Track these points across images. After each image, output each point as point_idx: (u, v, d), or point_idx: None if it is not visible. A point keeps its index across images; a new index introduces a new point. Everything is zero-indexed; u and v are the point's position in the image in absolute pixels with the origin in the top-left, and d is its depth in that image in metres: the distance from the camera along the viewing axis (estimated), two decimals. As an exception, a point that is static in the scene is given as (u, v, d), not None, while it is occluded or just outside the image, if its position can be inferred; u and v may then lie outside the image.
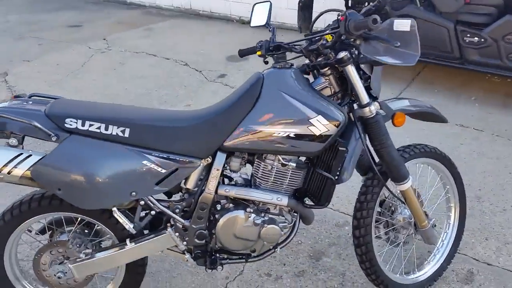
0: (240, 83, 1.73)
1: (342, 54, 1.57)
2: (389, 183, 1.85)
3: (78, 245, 1.71)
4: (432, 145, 1.98)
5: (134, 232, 1.65)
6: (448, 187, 2.09)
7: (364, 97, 1.66)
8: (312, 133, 1.61)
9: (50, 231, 1.80)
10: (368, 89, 1.69)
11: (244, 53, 1.87)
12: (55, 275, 1.75)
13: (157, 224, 1.75)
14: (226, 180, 1.78)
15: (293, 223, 1.81)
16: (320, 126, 1.60)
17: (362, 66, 1.67)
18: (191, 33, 6.42)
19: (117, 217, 1.61)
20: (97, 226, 1.77)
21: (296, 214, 1.80)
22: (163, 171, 1.60)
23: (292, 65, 1.69)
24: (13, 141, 1.53)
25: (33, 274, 1.80)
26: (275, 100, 1.61)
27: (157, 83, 4.63)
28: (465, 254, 2.26)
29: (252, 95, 1.62)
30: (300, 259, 2.24)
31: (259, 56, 1.81)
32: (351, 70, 1.62)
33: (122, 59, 5.34)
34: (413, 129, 3.49)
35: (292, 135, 1.60)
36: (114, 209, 1.61)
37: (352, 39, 1.57)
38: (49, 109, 1.57)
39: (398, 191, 1.84)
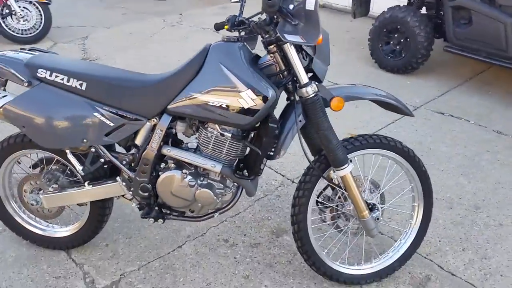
0: None
1: (278, 32, 1.59)
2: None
3: (48, 180, 1.98)
4: (396, 139, 1.90)
5: (82, 174, 1.87)
6: (412, 185, 1.98)
7: (302, 78, 1.65)
8: (241, 106, 1.66)
9: (41, 166, 2.11)
10: (311, 70, 1.70)
11: (217, 27, 1.95)
12: (30, 202, 2.06)
13: (113, 173, 1.96)
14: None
15: (235, 192, 1.89)
16: (249, 100, 1.65)
17: (304, 46, 1.67)
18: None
19: (70, 158, 1.85)
20: (69, 167, 2.02)
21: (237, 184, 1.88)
22: (111, 124, 1.77)
23: (239, 39, 1.74)
24: (-3, 83, 1.83)
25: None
26: (214, 71, 1.68)
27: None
28: (431, 260, 2.12)
29: (196, 64, 1.70)
30: (261, 233, 2.30)
31: (227, 30, 1.88)
32: (288, 48, 1.62)
33: (187, 34, 5.65)
34: (445, 130, 3.28)
35: (224, 105, 1.67)
36: (67, 151, 1.84)
37: (274, 17, 1.59)
38: (29, 60, 1.82)
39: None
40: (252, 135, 1.82)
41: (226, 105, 1.66)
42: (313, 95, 1.67)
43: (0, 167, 2.06)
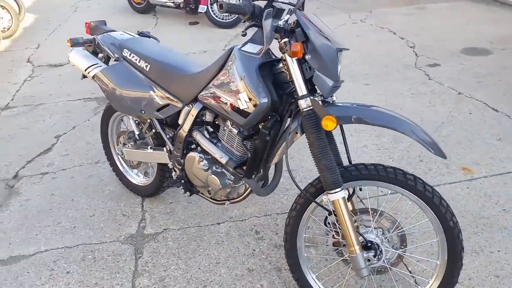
0: (449, 78, 1.85)
1: (282, 41, 1.54)
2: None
3: (129, 137, 2.43)
4: (419, 177, 1.58)
5: (137, 136, 2.23)
6: (437, 238, 1.62)
7: (300, 89, 1.55)
8: (238, 106, 1.68)
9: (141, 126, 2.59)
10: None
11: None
12: (119, 152, 2.56)
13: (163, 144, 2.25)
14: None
15: (244, 187, 1.94)
16: (243, 102, 1.65)
17: (307, 58, 1.55)
18: (461, 18, 5.78)
19: (131, 123, 2.22)
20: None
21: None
22: (160, 102, 2.05)
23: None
24: (101, 55, 2.33)
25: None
26: (228, 71, 1.75)
27: (363, 58, 4.65)
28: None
29: (220, 62, 1.80)
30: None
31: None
32: (287, 58, 1.56)
33: (362, 32, 5.50)
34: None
35: (228, 103, 1.73)
36: (130, 117, 2.21)
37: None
38: (121, 41, 2.24)
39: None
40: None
41: (230, 103, 1.73)
42: (307, 109, 1.56)
43: (108, 123, 2.62)
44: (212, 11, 6.10)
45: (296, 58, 1.54)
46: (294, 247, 1.80)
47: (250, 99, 1.64)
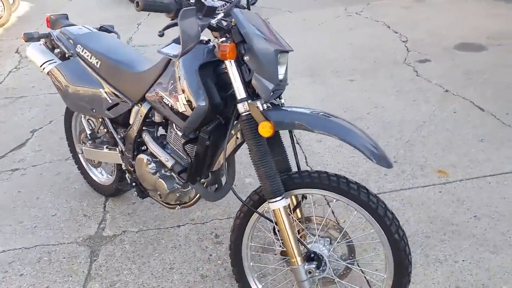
0: (437, 75, 1.73)
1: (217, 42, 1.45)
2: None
3: (85, 136, 2.36)
4: (364, 186, 1.49)
5: (89, 135, 2.16)
6: (384, 251, 1.52)
7: (238, 92, 1.46)
8: (177, 108, 1.60)
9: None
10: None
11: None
12: (79, 150, 2.50)
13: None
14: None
15: (195, 191, 1.86)
16: (181, 104, 1.57)
17: (246, 59, 1.45)
18: (460, 12, 5.59)
19: (83, 122, 2.15)
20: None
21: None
22: (110, 101, 1.97)
23: (208, 41, 1.64)
24: (57, 51, 2.25)
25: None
26: (171, 70, 1.66)
27: (352, 53, 4.52)
28: None
29: (164, 62, 1.71)
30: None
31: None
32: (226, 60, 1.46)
33: (356, 25, 5.35)
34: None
35: (170, 104, 1.64)
36: (82, 115, 2.14)
37: None
38: (76, 36, 2.16)
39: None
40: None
41: (170, 104, 1.64)
42: (245, 113, 1.47)
43: (71, 120, 2.55)
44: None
45: (233, 59, 1.45)
46: (239, 256, 1.72)
47: (188, 101, 1.56)
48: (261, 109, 1.47)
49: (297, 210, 1.69)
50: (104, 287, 1.98)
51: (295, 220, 1.67)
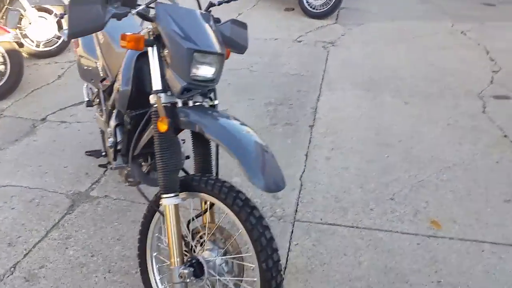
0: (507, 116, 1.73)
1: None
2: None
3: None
4: (249, 202, 1.42)
5: (86, 103, 2.41)
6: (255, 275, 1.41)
7: (154, 83, 1.50)
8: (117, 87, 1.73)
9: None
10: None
11: None
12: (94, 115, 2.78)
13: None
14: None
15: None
16: (117, 84, 1.69)
17: (165, 53, 1.47)
18: None
19: (83, 89, 2.41)
20: None
21: None
22: (101, 74, 2.16)
23: None
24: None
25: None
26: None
27: (427, 74, 4.04)
28: None
29: None
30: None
31: None
32: (149, 49, 1.50)
33: (450, 45, 4.75)
34: None
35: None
36: (84, 83, 2.40)
37: None
38: None
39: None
40: None
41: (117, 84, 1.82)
42: (154, 105, 1.49)
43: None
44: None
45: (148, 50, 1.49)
46: (144, 258, 1.77)
47: (119, 83, 1.66)
48: (162, 102, 1.48)
49: (207, 215, 1.67)
50: (61, 237, 2.23)
51: (205, 224, 1.65)
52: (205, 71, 1.46)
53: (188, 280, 1.52)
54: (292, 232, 2.22)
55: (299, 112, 3.45)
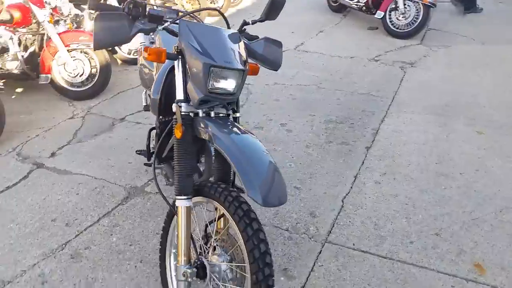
0: None
1: None
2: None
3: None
4: (250, 213, 1.45)
5: (144, 105, 2.63)
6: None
7: (177, 93, 1.61)
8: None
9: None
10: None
11: None
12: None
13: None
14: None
15: None
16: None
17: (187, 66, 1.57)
18: None
19: (142, 95, 2.62)
20: None
21: None
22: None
23: None
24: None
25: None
26: None
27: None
28: None
29: None
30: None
31: None
32: (175, 62, 1.61)
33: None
34: None
35: None
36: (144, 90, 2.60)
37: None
38: None
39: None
40: None
41: None
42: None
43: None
44: (389, 19, 5.74)
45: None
46: (164, 254, 1.87)
47: (151, 92, 1.81)
48: (183, 111, 1.58)
49: (221, 221, 1.72)
50: (109, 224, 2.44)
51: (218, 230, 1.71)
52: (223, 84, 1.54)
53: (190, 280, 1.59)
54: (320, 252, 2.17)
55: (358, 132, 3.35)
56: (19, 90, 4.47)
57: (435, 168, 2.84)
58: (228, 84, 1.55)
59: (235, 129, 1.53)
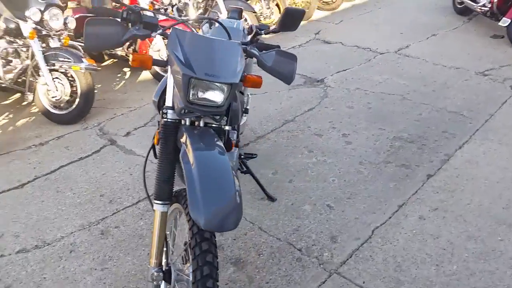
0: None
1: None
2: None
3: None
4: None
5: None
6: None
7: (166, 99, 1.64)
8: None
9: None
10: None
11: None
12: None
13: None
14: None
15: None
16: None
17: None
18: None
19: None
20: None
21: None
22: None
23: None
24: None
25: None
26: None
27: None
28: None
29: None
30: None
31: None
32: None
33: None
34: None
35: None
36: None
37: None
38: None
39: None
40: None
41: None
42: (164, 119, 1.62)
43: None
44: (517, 27, 4.90)
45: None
46: None
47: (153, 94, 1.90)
48: (169, 118, 1.60)
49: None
50: (144, 208, 2.62)
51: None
52: (209, 96, 1.50)
53: (156, 283, 1.65)
54: (323, 282, 2.03)
55: (426, 156, 2.98)
56: (126, 69, 4.99)
57: (499, 214, 2.40)
58: (213, 96, 1.52)
59: (208, 143, 1.50)
